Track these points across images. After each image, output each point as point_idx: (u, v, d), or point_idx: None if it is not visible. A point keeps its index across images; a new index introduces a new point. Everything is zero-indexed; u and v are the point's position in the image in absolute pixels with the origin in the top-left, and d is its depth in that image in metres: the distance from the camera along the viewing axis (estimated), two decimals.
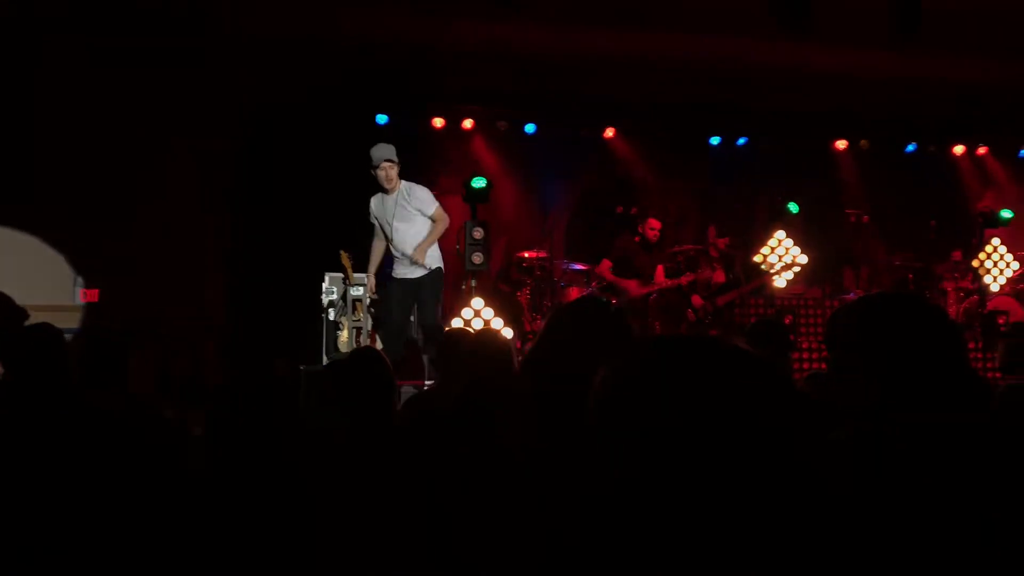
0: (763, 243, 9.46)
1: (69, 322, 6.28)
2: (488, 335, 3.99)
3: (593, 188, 10.07)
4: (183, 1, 8.09)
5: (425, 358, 6.66)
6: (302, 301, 8.07)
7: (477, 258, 7.25)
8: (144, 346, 6.62)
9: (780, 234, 9.41)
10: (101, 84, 8.17)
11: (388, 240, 6.66)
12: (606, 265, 8.65)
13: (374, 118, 9.56)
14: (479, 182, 7.61)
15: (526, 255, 8.78)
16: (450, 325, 6.78)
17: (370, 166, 6.50)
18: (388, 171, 6.43)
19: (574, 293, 8.63)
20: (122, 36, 8.08)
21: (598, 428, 1.01)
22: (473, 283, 7.46)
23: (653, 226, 8.76)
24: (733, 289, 8.78)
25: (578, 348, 2.00)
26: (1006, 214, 9.61)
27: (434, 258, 6.61)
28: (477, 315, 7.25)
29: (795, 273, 9.43)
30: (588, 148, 10.20)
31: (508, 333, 7.27)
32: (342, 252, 7.34)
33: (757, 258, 9.36)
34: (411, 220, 6.54)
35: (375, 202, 6.70)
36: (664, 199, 10.15)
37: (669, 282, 8.54)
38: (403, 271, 6.63)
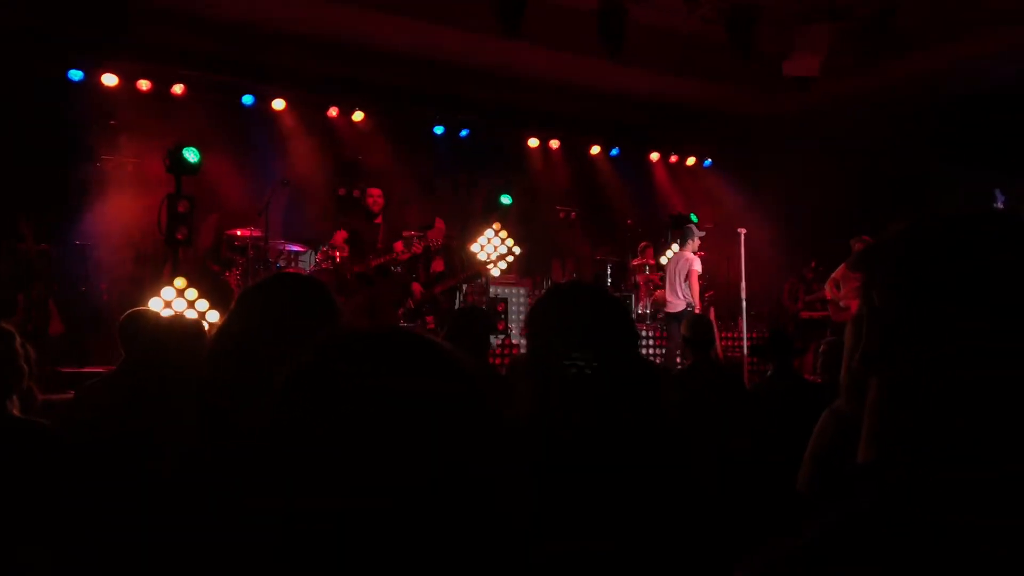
0: (480, 234, 9.76)
1: None
2: (178, 318, 3.69)
3: (315, 167, 9.79)
4: None
5: None
6: None
7: (180, 233, 6.75)
8: None
9: (496, 226, 9.77)
10: None
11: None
12: (341, 236, 8.11)
13: (66, 74, 8.58)
14: (191, 155, 7.08)
15: (239, 233, 8.31)
16: (146, 306, 6.25)
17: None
18: None
19: None
20: None
21: (275, 426, 0.92)
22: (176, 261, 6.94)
23: (372, 194, 8.31)
24: (451, 278, 8.98)
25: (269, 331, 1.88)
26: (693, 219, 10.73)
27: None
28: (180, 295, 6.75)
29: (509, 263, 9.84)
30: (311, 126, 9.90)
31: (214, 316, 6.86)
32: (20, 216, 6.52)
33: (475, 247, 9.64)
34: None
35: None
36: (388, 183, 10.15)
37: (407, 252, 8.03)
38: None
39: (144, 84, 8.90)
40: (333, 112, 10.01)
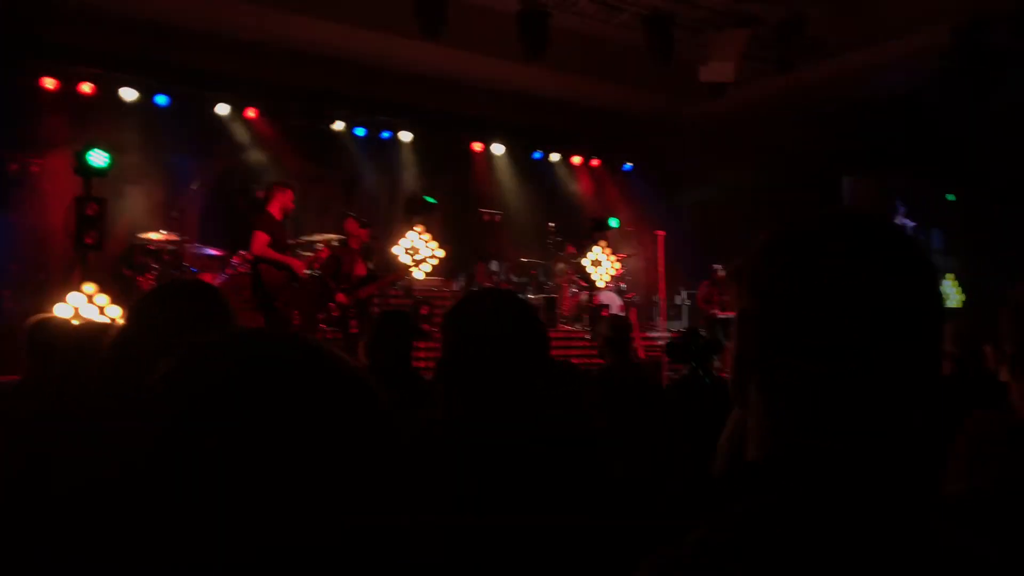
0: (403, 236, 9.70)
1: None
2: (85, 325, 3.56)
3: (231, 169, 9.57)
4: None
5: None
6: None
7: (90, 238, 6.51)
8: None
9: (419, 228, 9.72)
10: None
11: None
12: (263, 240, 7.14)
13: None
14: (100, 157, 6.81)
15: (152, 237, 8.08)
16: (51, 313, 6.01)
17: None
18: None
19: (207, 281, 8.07)
20: None
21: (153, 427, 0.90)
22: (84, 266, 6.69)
23: (288, 194, 7.45)
24: (373, 282, 8.85)
25: (164, 337, 1.84)
26: (613, 222, 10.88)
27: None
28: (90, 301, 6.51)
29: (432, 266, 9.80)
30: (226, 127, 9.68)
31: None
32: None
33: (396, 250, 9.56)
34: None
35: None
36: (307, 186, 9.99)
37: (304, 264, 7.73)
38: None
39: (50, 83, 8.57)
40: (251, 113, 9.81)
